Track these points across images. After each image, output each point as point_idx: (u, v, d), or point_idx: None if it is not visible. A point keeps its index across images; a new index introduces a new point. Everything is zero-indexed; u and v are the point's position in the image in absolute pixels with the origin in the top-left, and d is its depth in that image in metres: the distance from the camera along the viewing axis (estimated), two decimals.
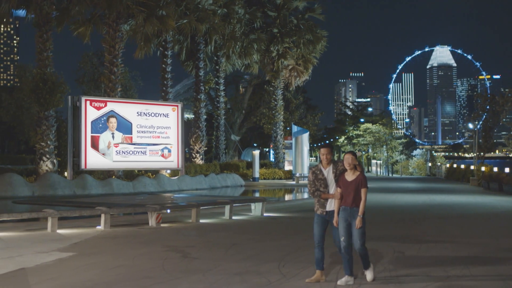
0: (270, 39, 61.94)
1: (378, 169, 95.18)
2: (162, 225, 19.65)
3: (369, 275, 10.99)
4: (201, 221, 20.95)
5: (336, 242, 10.99)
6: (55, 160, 39.45)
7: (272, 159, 73.64)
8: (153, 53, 51.61)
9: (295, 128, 61.42)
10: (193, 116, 59.03)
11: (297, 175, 56.59)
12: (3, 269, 11.84)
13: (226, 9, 55.19)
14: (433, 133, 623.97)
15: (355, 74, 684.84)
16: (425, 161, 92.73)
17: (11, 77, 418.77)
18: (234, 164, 58.17)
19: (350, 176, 10.77)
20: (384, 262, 12.90)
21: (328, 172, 10.94)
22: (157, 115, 41.17)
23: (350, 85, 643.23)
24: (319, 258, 10.90)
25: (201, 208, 21.82)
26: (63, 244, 15.23)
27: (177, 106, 42.89)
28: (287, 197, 39.69)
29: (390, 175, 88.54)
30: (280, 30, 62.36)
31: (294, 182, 53.86)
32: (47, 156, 38.82)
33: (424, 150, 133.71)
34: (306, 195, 41.23)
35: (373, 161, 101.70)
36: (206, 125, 56.20)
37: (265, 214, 23.58)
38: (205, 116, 55.92)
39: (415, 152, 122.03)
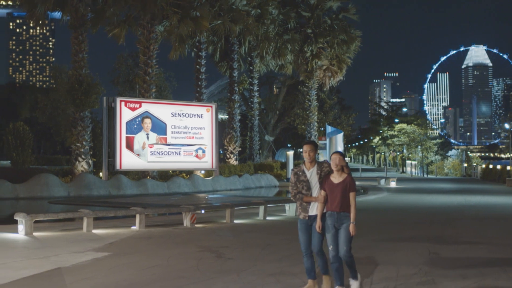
0: (304, 39, 61.79)
1: (413, 170, 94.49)
2: (197, 225, 19.69)
3: (354, 286, 10.09)
4: (235, 221, 20.96)
5: (314, 247, 10.06)
6: (90, 161, 39.73)
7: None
8: (188, 54, 51.80)
9: (329, 129, 61.23)
10: (227, 116, 59.11)
11: None
12: (40, 269, 11.94)
13: (260, 9, 55.15)
14: (468, 134, 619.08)
15: (389, 74, 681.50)
16: (460, 162, 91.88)
17: (47, 79, 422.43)
18: (268, 164, 58.14)
19: (336, 178, 9.80)
20: (418, 263, 12.80)
21: (312, 173, 10.00)
22: (191, 115, 41.29)
23: (384, 85, 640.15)
24: (309, 267, 10.18)
25: (235, 208, 21.82)
26: (99, 244, 15.32)
27: (211, 106, 42.98)
28: None
29: (425, 175, 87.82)
30: (314, 30, 62.19)
31: None
32: (83, 156, 39.11)
33: (459, 150, 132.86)
34: None
35: (408, 162, 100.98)
36: (240, 126, 56.22)
37: None
38: (239, 117, 55.95)
39: (450, 153, 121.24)
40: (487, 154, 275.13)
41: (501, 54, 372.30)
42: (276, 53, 58.90)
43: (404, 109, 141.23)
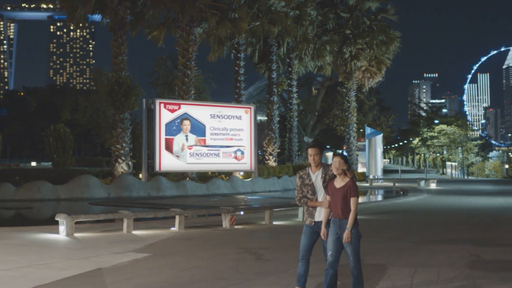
0: (342, 40, 61.62)
1: (453, 171, 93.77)
2: (236, 226, 19.71)
3: None
4: (274, 223, 20.95)
5: (325, 255, 9.59)
6: (130, 162, 39.98)
7: None
8: (226, 55, 51.89)
9: (368, 130, 61.07)
10: (266, 118, 59.10)
11: (371, 177, 56.22)
12: (81, 269, 12.04)
13: (298, 11, 55.04)
14: (509, 135, 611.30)
15: (429, 75, 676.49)
16: (501, 163, 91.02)
17: (87, 81, 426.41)
18: (306, 166, 57.94)
19: (338, 183, 9.23)
20: (459, 265, 12.67)
21: (317, 177, 9.49)
22: (230, 117, 41.37)
23: (424, 86, 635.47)
24: (301, 273, 9.69)
25: (274, 210, 21.80)
26: (138, 245, 15.40)
27: (250, 108, 43.03)
28: (361, 199, 39.36)
29: (465, 177, 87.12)
30: (353, 31, 62.00)
31: (367, 184, 53.50)
32: (123, 158, 39.38)
33: (500, 151, 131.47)
34: (380, 197, 40.93)
35: (448, 163, 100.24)
36: (279, 127, 56.18)
37: None
38: (278, 118, 55.91)
39: (491, 154, 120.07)
40: None
41: None
42: (315, 54, 58.77)
43: (444, 110, 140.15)
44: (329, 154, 54.68)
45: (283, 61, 60.36)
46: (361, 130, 70.79)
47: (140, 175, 39.25)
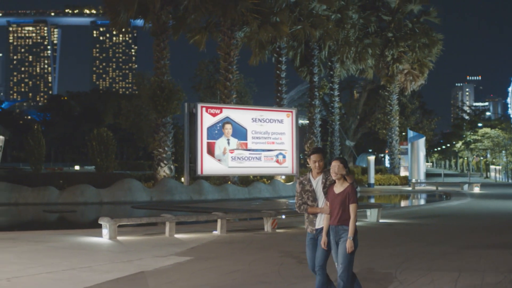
0: (384, 43, 61.32)
1: (497, 175, 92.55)
2: (278, 230, 19.68)
3: None
4: None
5: (316, 262, 9.04)
6: (172, 166, 40.17)
7: (387, 164, 72.85)
8: (268, 59, 51.95)
9: (410, 133, 60.66)
10: (307, 122, 59.02)
11: (413, 181, 55.80)
12: (124, 272, 12.11)
13: (339, 14, 54.91)
14: None
15: (472, 77, 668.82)
16: None
17: (130, 85, 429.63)
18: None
19: (338, 188, 8.84)
20: (504, 270, 12.50)
21: (318, 183, 9.09)
22: (271, 121, 41.35)
23: (467, 89, 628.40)
24: (320, 285, 9.05)
25: None
26: (181, 249, 15.45)
27: (291, 112, 42.97)
28: (403, 203, 39.15)
29: (510, 181, 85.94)
30: (395, 34, 61.66)
31: (410, 188, 53.12)
32: (165, 162, 39.58)
33: None
34: (422, 201, 40.59)
35: (492, 167, 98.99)
36: (321, 131, 56.08)
37: (380, 220, 23.30)
38: (319, 122, 55.81)
39: None
40: None
41: None
42: (357, 58, 58.56)
43: (488, 113, 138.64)
44: (371, 158, 54.34)
45: (325, 65, 60.27)
46: (404, 134, 70.39)
47: (182, 179, 39.41)
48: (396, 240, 17.90)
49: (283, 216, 23.83)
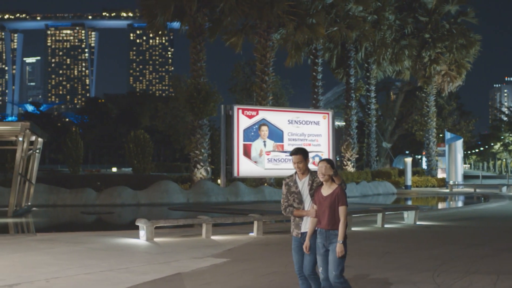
0: (421, 44, 60.92)
1: None
2: None
3: None
4: (353, 229, 20.79)
5: (304, 270, 8.76)
6: (208, 168, 40.28)
7: (424, 166, 72.36)
8: (304, 61, 51.85)
9: (448, 135, 60.18)
10: (343, 123, 58.87)
11: (451, 182, 55.36)
12: (161, 274, 12.16)
13: (376, 15, 54.68)
14: None
15: (510, 78, 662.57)
16: None
17: (166, 87, 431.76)
18: (385, 171, 57.60)
19: (326, 190, 8.47)
20: None
21: (303, 184, 8.76)
22: (308, 123, 41.27)
23: (505, 90, 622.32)
24: None
25: (353, 216, 21.66)
26: (217, 250, 15.48)
27: (327, 113, 42.86)
28: (441, 205, 38.82)
29: None
30: (432, 35, 61.23)
31: (447, 190, 52.70)
32: (201, 164, 39.70)
33: None
34: (460, 203, 40.25)
35: None
36: (357, 133, 55.88)
37: (418, 223, 23.15)
38: (356, 124, 55.60)
39: None
40: None
41: None
42: (393, 59, 58.28)
43: None
44: (408, 160, 54.00)
45: (361, 66, 60.09)
46: (441, 135, 69.86)
47: (219, 181, 39.49)
48: (434, 242, 17.77)
49: None
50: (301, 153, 8.82)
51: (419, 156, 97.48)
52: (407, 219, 23.47)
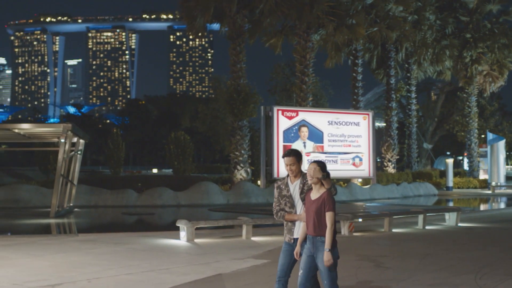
0: (462, 44, 60.38)
1: None
2: (355, 234, 19.57)
3: None
4: (393, 230, 20.69)
5: (279, 275, 8.54)
6: (248, 169, 40.33)
7: (466, 167, 71.70)
8: (344, 61, 51.67)
9: (490, 136, 59.53)
10: (384, 124, 58.56)
11: (493, 184, 54.77)
12: (201, 275, 12.20)
13: (416, 15, 54.34)
14: None
15: None
16: None
17: (206, 89, 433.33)
18: (426, 172, 57.18)
19: (314, 194, 8.04)
20: None
21: (295, 187, 8.40)
22: (348, 123, 41.09)
23: None
24: None
25: (393, 217, 21.54)
26: (258, 251, 15.49)
27: (368, 114, 42.63)
28: (483, 207, 38.42)
29: None
30: (473, 35, 60.66)
31: (489, 192, 52.17)
32: (241, 165, 39.76)
33: None
34: (503, 205, 39.81)
35: None
36: (398, 134, 55.53)
37: (459, 224, 22.95)
38: (396, 125, 55.27)
39: None
40: None
41: None
42: (434, 59, 57.85)
43: None
44: (449, 161, 53.55)
45: (402, 67, 59.71)
46: (483, 136, 69.17)
47: (259, 182, 39.50)
48: (476, 244, 17.61)
49: (360, 220, 23.68)
50: (294, 155, 8.40)
51: (461, 157, 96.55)
52: (448, 221, 23.28)
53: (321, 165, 8.04)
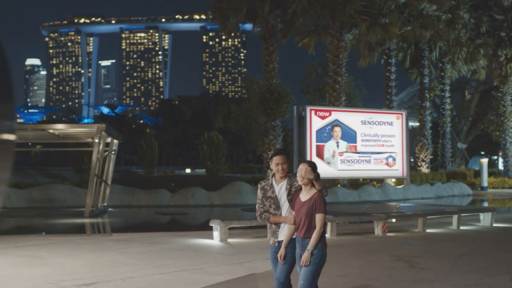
0: (497, 43, 59.83)
1: None
2: (388, 234, 19.49)
3: None
4: (427, 230, 20.56)
5: (276, 278, 8.01)
6: None
7: (501, 167, 71.04)
8: (377, 61, 51.44)
9: None
10: (418, 124, 58.23)
11: None
12: (235, 274, 12.22)
13: (450, 14, 53.94)
14: None
15: None
16: None
17: (239, 89, 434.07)
18: (460, 172, 56.73)
19: (304, 195, 7.68)
20: None
21: (281, 189, 7.96)
22: (381, 123, 40.91)
23: None
24: None
25: (427, 217, 21.40)
26: None
27: (401, 114, 42.41)
28: None
29: None
30: (508, 33, 60.08)
31: None
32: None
33: None
34: None
35: None
36: (432, 133, 55.20)
37: (494, 225, 22.74)
38: (430, 124, 54.95)
39: None
40: None
41: None
42: (468, 58, 57.42)
43: None
44: (484, 161, 53.11)
45: (435, 66, 59.33)
46: None
47: None
48: (510, 245, 17.45)
49: (394, 220, 23.56)
50: (285, 154, 8.01)
51: (495, 157, 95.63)
52: (483, 221, 23.08)
53: (312, 165, 7.67)
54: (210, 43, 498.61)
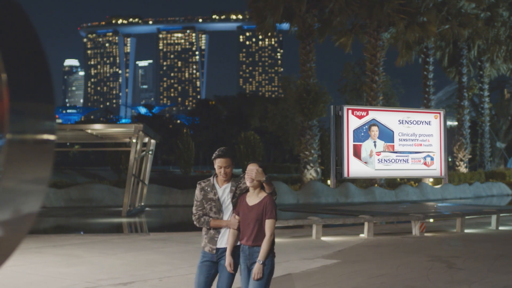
0: None
1: None
2: (426, 234, 19.36)
3: None
4: (466, 231, 20.40)
5: None
6: (318, 169, 40.22)
7: None
8: (414, 60, 51.09)
9: None
10: (456, 123, 57.77)
11: None
12: None
13: (489, 12, 53.38)
14: None
15: None
16: None
17: (276, 89, 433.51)
18: (500, 172, 56.16)
19: (252, 199, 6.96)
20: None
21: (224, 191, 7.19)
22: (419, 122, 40.43)
23: None
24: None
25: (465, 217, 21.22)
26: (327, 251, 15.44)
27: (439, 113, 41.85)
28: None
29: None
30: None
31: None
32: (311, 164, 39.67)
33: None
34: None
35: None
36: (470, 133, 54.71)
37: None
38: (468, 123, 54.47)
39: None
40: None
41: None
42: (508, 57, 56.83)
43: None
44: None
45: (474, 64, 58.79)
46: None
47: (328, 182, 39.39)
48: None
49: (431, 220, 23.39)
50: (230, 156, 7.17)
51: None
52: None
53: (263, 166, 7.02)
54: (247, 43, 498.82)
